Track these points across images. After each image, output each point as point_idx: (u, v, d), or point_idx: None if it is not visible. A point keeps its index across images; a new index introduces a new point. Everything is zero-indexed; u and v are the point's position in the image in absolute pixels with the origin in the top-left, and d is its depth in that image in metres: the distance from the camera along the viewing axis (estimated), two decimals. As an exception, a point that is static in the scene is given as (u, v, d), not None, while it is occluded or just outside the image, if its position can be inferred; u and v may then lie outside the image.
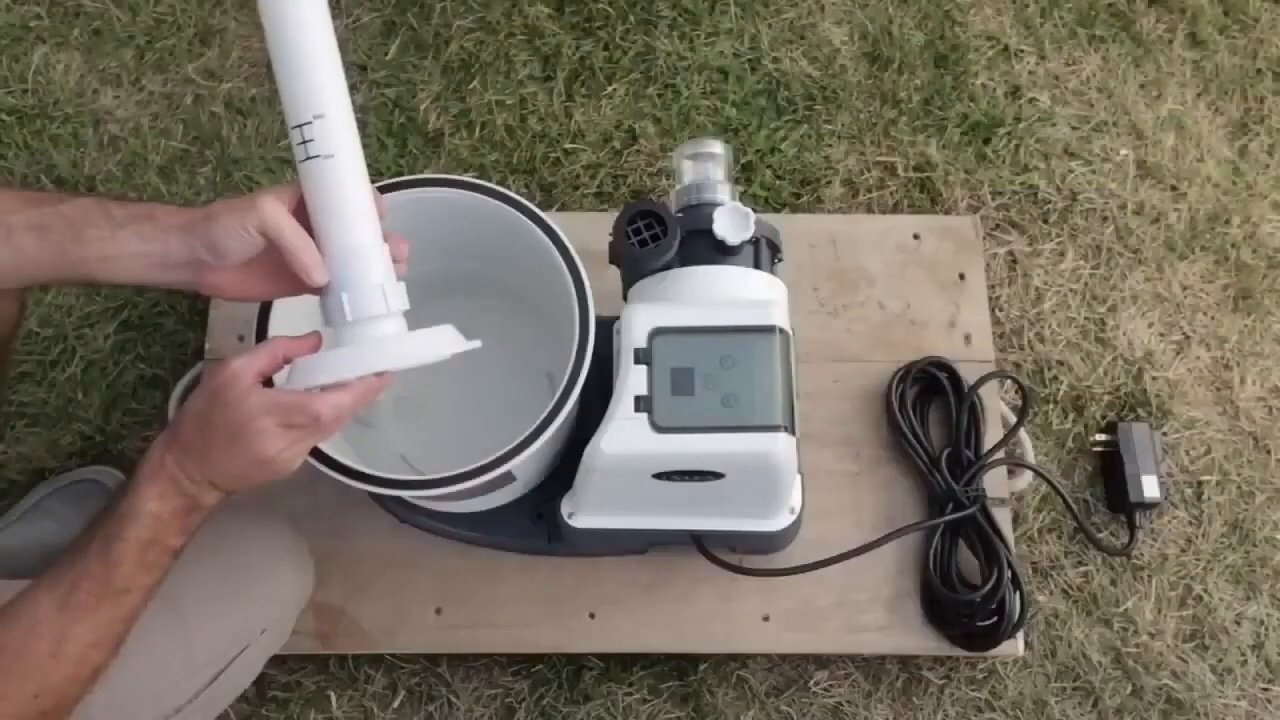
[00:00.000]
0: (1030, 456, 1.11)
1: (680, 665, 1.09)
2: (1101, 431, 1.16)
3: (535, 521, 1.00)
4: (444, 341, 0.73)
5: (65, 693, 0.67)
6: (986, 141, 1.29)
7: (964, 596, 1.01)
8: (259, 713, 1.07)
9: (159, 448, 0.68)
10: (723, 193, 0.91)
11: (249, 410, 0.66)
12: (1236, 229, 1.27)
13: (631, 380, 0.81)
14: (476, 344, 0.74)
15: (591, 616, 1.04)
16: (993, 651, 1.03)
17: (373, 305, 0.70)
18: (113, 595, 0.67)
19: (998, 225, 1.26)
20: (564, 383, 0.84)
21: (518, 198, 0.90)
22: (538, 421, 0.83)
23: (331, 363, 0.69)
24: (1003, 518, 1.06)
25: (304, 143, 0.69)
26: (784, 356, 0.83)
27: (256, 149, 1.26)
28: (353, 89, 1.33)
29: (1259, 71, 1.35)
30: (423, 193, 0.90)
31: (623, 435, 0.81)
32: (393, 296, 0.71)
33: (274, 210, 0.67)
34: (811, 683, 1.09)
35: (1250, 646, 1.12)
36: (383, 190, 0.90)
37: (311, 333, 0.71)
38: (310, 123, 0.68)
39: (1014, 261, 1.25)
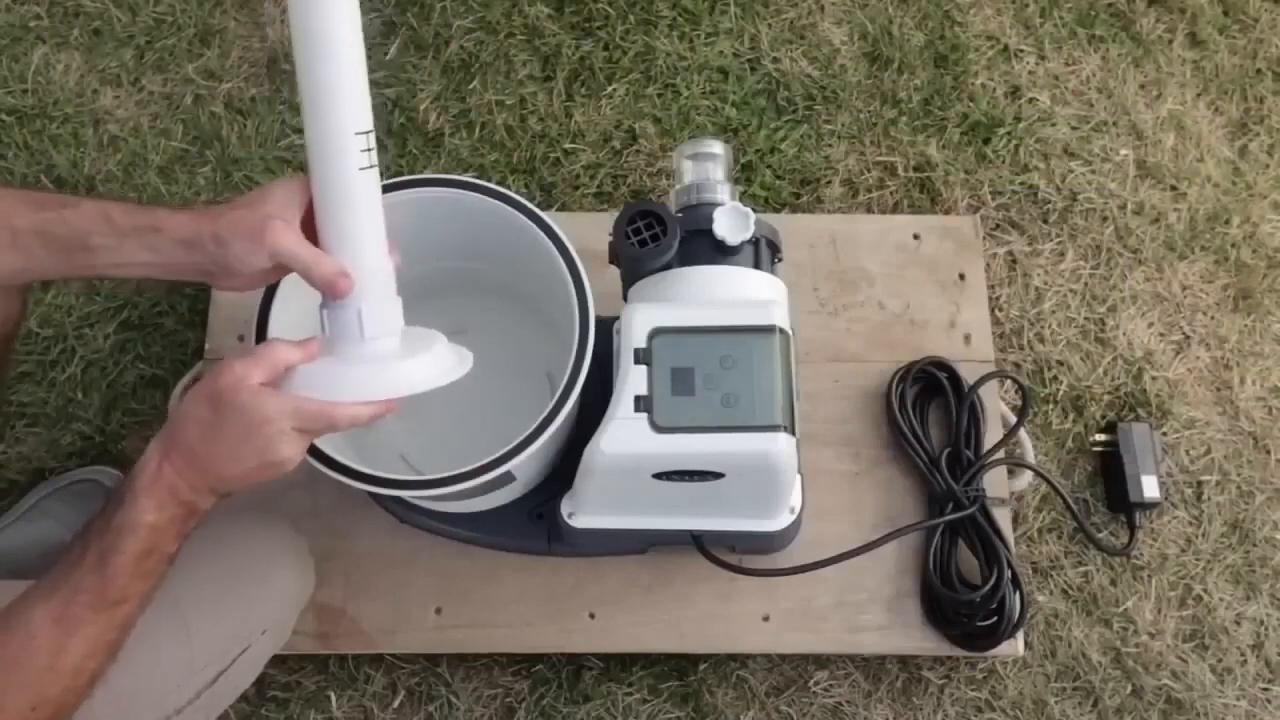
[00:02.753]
0: (1030, 456, 1.11)
1: (680, 665, 1.09)
2: (1101, 431, 1.17)
3: (535, 521, 1.00)
4: (454, 365, 0.75)
5: (63, 702, 0.67)
6: (986, 141, 1.29)
7: (964, 596, 1.01)
8: (259, 713, 1.07)
9: (155, 457, 0.67)
10: (723, 193, 0.91)
11: (266, 414, 0.66)
12: (1236, 229, 1.27)
13: (631, 380, 0.81)
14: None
15: (591, 616, 1.04)
16: (993, 651, 1.03)
17: (386, 323, 0.72)
18: (109, 607, 0.67)
19: (998, 225, 1.26)
20: (564, 383, 0.84)
21: (518, 198, 0.90)
22: (538, 421, 0.83)
23: (354, 384, 0.69)
24: (1003, 518, 1.06)
25: (367, 150, 0.68)
26: (784, 356, 0.83)
27: (256, 149, 1.26)
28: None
29: (1259, 71, 1.35)
30: (423, 193, 0.90)
31: (623, 435, 0.81)
32: (399, 314, 0.73)
33: (285, 240, 0.68)
34: (811, 683, 1.09)
35: (1250, 646, 1.12)
36: (383, 190, 0.90)
37: (310, 339, 0.71)
38: (370, 131, 0.68)
39: (1014, 261, 1.25)
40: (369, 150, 0.68)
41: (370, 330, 0.71)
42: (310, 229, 0.71)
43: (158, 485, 0.66)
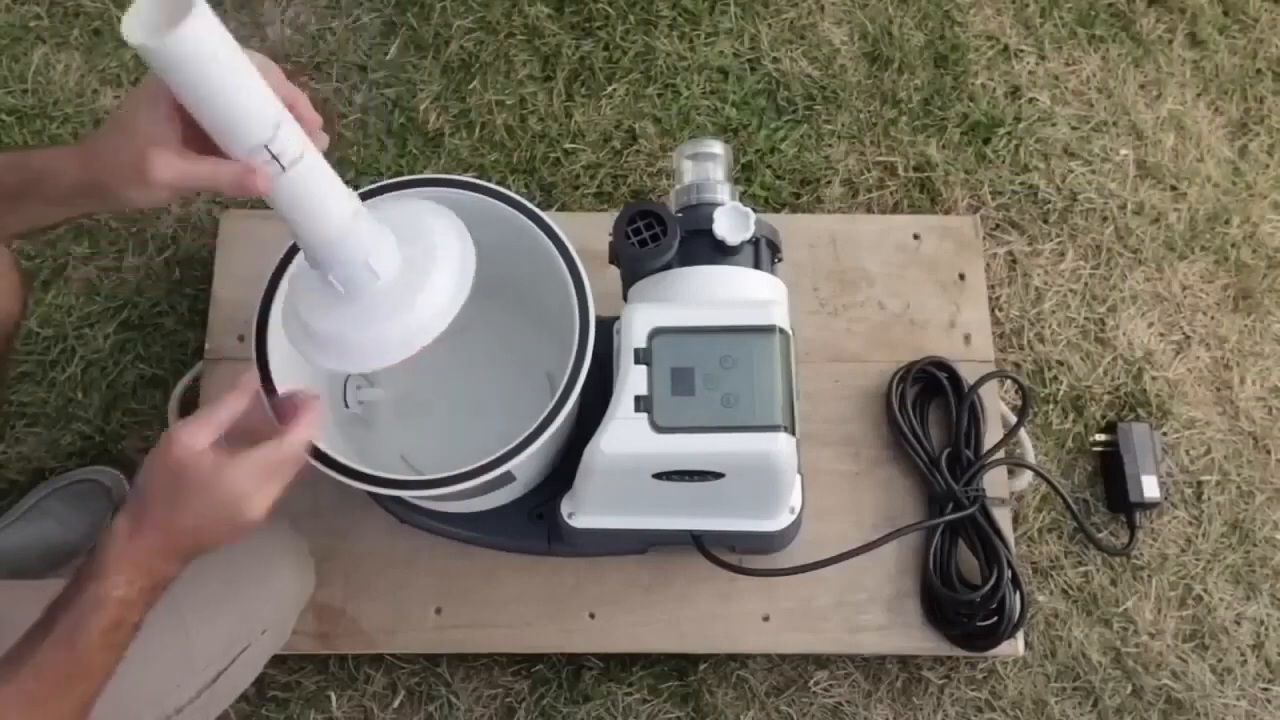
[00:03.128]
0: (1030, 456, 1.11)
1: (680, 665, 1.09)
2: (1101, 431, 1.17)
3: (535, 521, 1.00)
4: (462, 261, 0.71)
5: None
6: (986, 141, 1.29)
7: (964, 596, 1.01)
8: (259, 713, 1.07)
9: (122, 535, 0.65)
10: (723, 193, 0.91)
11: (227, 485, 0.65)
12: (1236, 229, 1.27)
13: (631, 380, 0.81)
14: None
15: (591, 616, 1.04)
16: (993, 651, 1.03)
17: (364, 279, 0.68)
18: (78, 681, 0.65)
19: (998, 225, 1.26)
20: (564, 383, 0.84)
21: (518, 198, 0.90)
22: (538, 421, 0.83)
23: (393, 341, 0.69)
24: (1003, 518, 1.06)
25: (273, 159, 0.61)
26: (784, 356, 0.83)
27: (256, 149, 1.26)
28: (353, 89, 1.33)
29: (1259, 71, 1.35)
30: (423, 193, 0.90)
31: (623, 435, 0.81)
32: (384, 256, 0.68)
33: (171, 169, 0.61)
34: (811, 683, 1.09)
35: (1250, 646, 1.12)
36: (383, 190, 0.90)
37: (246, 377, 0.70)
38: (273, 136, 0.61)
39: (1014, 261, 1.25)
40: (277, 156, 0.61)
41: (348, 288, 0.68)
42: (192, 129, 0.61)
43: (126, 560, 0.65)
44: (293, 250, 0.88)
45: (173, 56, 0.55)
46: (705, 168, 0.93)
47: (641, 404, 0.81)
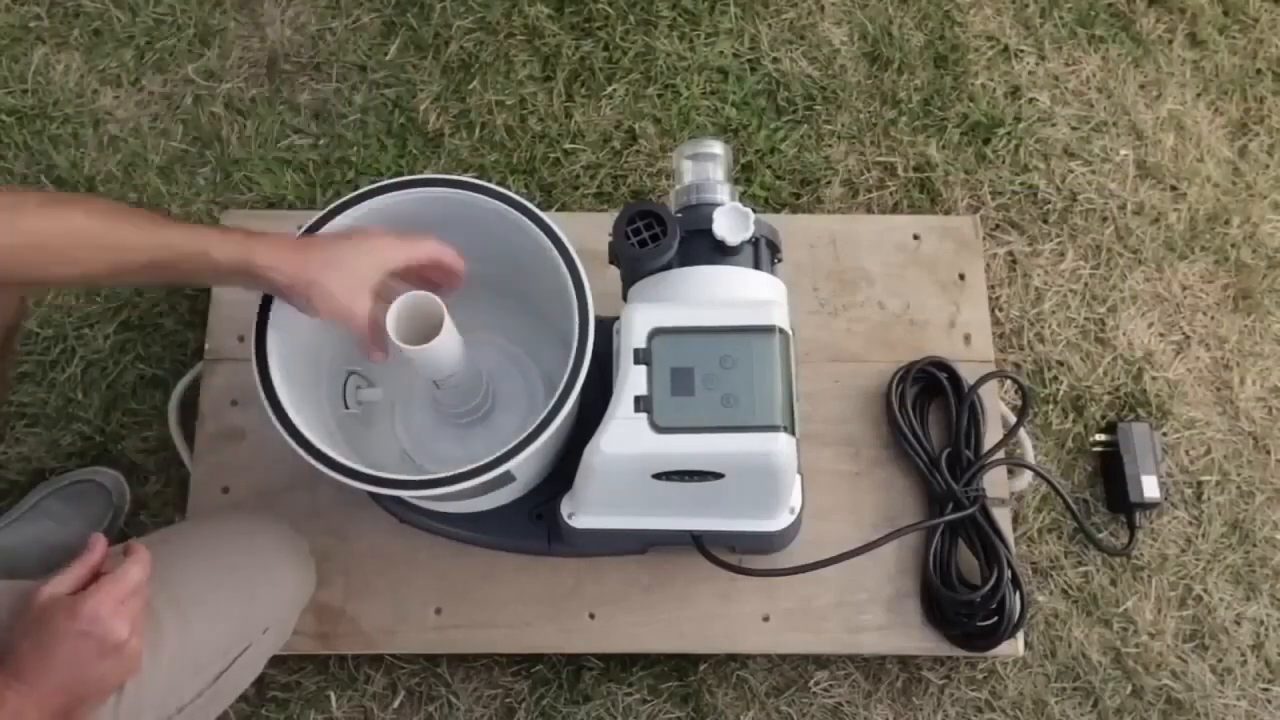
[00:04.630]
0: (1030, 456, 1.11)
1: (680, 665, 1.09)
2: (1101, 431, 1.17)
3: (535, 521, 1.00)
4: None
5: None
6: (986, 141, 1.29)
7: (964, 596, 1.01)
8: (259, 713, 1.07)
9: None
10: (722, 193, 0.91)
11: (87, 611, 0.68)
12: (1236, 229, 1.27)
13: (631, 380, 0.81)
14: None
15: (591, 616, 1.04)
16: (993, 651, 1.03)
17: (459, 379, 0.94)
18: None
19: (998, 225, 1.26)
20: (564, 383, 0.84)
21: (518, 198, 0.90)
22: (538, 421, 0.83)
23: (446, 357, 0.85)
24: (1003, 518, 1.06)
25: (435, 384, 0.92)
26: (784, 356, 0.83)
27: (256, 149, 1.26)
28: (353, 89, 1.33)
29: (1259, 71, 1.35)
30: (423, 193, 0.90)
31: (622, 435, 0.81)
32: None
33: (361, 331, 0.82)
34: (811, 683, 1.09)
35: (1250, 646, 1.12)
36: (383, 190, 0.90)
37: (95, 547, 0.74)
38: (443, 381, 0.90)
39: (1014, 261, 1.25)
40: (438, 384, 0.91)
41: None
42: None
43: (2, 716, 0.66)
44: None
45: (416, 353, 0.79)
46: (705, 168, 0.93)
47: (641, 404, 0.81)
